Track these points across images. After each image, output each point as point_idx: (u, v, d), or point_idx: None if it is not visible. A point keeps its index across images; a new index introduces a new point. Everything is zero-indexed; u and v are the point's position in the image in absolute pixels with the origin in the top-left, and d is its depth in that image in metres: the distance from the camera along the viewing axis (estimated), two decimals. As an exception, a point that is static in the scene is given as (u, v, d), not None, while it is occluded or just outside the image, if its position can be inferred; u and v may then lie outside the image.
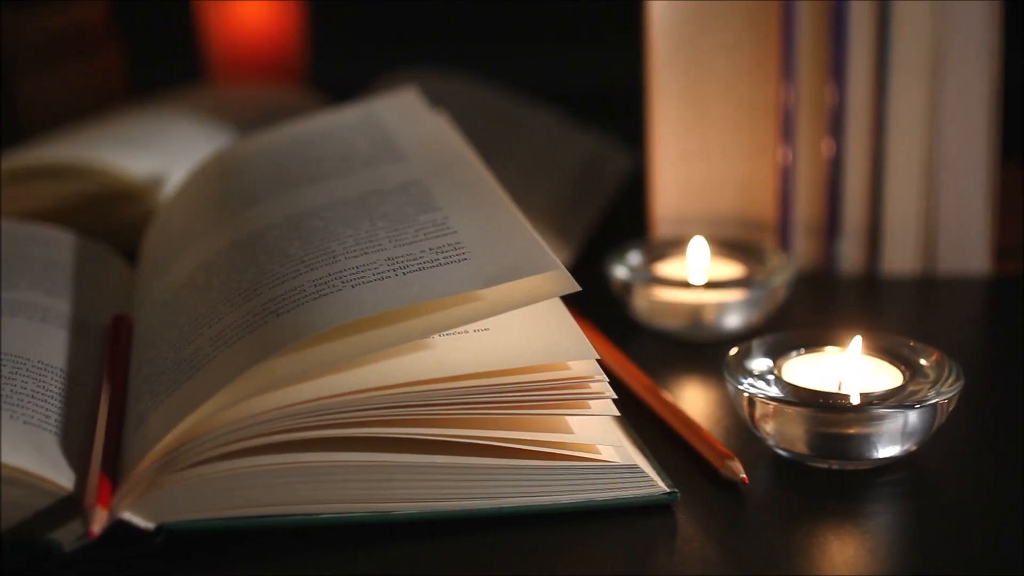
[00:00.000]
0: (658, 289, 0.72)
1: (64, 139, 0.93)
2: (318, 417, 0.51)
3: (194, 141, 0.94)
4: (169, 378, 0.55)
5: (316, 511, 0.53)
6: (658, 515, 0.55)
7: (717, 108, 0.81)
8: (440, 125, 0.71)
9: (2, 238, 0.71)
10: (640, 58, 0.81)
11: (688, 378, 0.69)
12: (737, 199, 0.82)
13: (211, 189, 0.72)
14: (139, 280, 0.71)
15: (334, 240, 0.59)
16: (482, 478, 0.53)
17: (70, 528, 0.51)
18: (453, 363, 0.53)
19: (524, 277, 0.54)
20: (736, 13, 0.79)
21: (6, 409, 0.54)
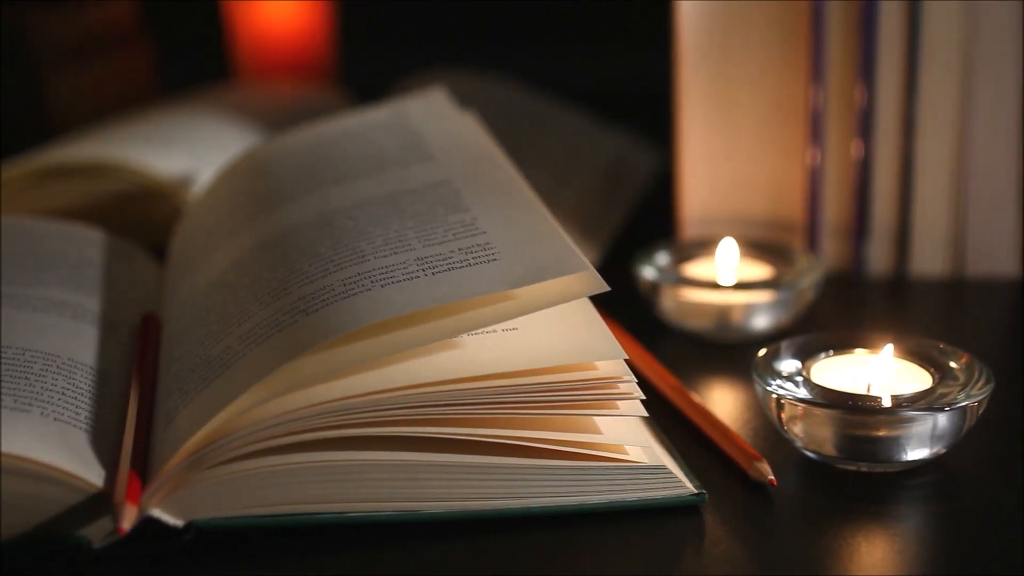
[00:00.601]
0: (686, 290, 0.72)
1: (93, 137, 0.94)
2: (347, 416, 0.51)
3: (222, 140, 0.94)
4: (198, 376, 0.55)
5: (345, 510, 0.53)
6: (686, 516, 0.55)
7: (745, 109, 0.80)
8: (469, 125, 0.71)
9: (33, 236, 0.72)
10: (669, 58, 0.81)
11: (716, 379, 0.69)
12: (765, 200, 0.82)
13: (241, 188, 0.72)
14: (168, 278, 0.71)
15: (363, 240, 0.59)
16: (510, 478, 0.53)
17: (100, 525, 0.52)
18: (482, 363, 0.53)
19: (553, 278, 0.54)
20: (765, 13, 0.79)
21: (37, 406, 0.54)
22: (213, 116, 0.99)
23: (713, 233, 0.79)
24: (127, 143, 0.91)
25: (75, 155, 0.88)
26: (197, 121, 0.98)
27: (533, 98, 1.07)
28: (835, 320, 0.76)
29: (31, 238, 0.71)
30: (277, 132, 0.92)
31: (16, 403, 0.54)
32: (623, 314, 0.70)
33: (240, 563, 0.52)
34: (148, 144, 0.91)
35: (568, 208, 0.85)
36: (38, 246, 0.70)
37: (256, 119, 0.99)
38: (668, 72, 0.82)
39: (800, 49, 0.79)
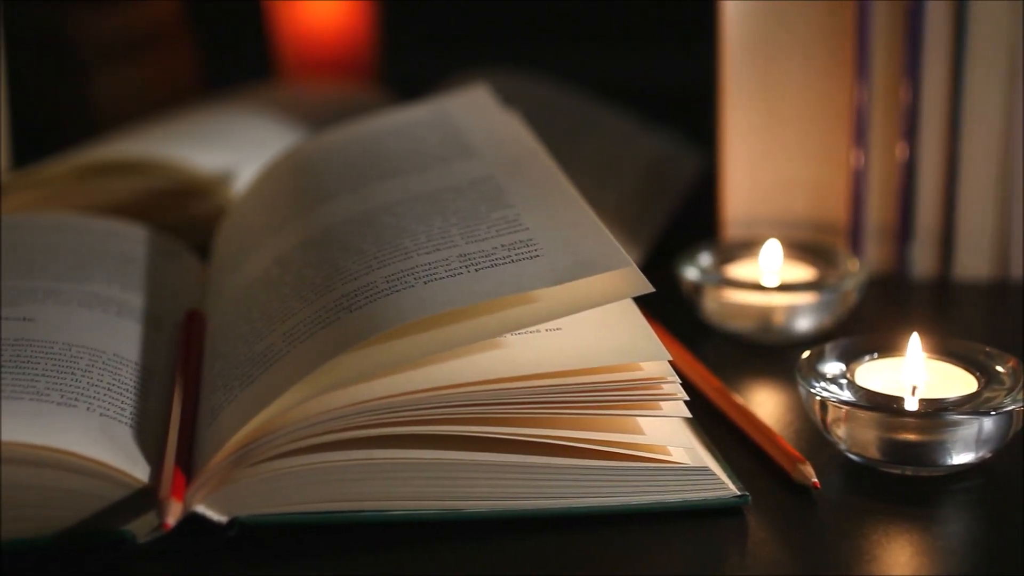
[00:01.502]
0: (729, 291, 0.72)
1: (137, 135, 0.94)
2: (390, 414, 0.51)
3: (265, 138, 0.94)
4: (243, 373, 0.55)
5: (386, 508, 0.53)
6: (729, 518, 0.54)
7: (789, 109, 0.80)
8: (511, 122, 0.71)
9: (79, 232, 0.72)
10: (712, 58, 0.81)
11: (758, 381, 0.68)
12: (808, 201, 0.81)
13: (284, 185, 0.73)
14: (212, 275, 0.71)
15: (407, 236, 0.59)
16: (552, 478, 0.53)
17: (144, 520, 0.52)
18: (525, 362, 0.53)
19: (596, 274, 0.54)
20: (810, 12, 0.78)
21: (83, 401, 0.55)
22: (255, 114, 0.99)
23: (756, 234, 0.79)
24: (170, 141, 0.91)
25: (119, 152, 0.89)
26: (240, 119, 0.98)
27: (575, 98, 1.06)
28: (878, 323, 0.75)
29: (77, 234, 0.72)
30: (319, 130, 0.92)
31: (63, 398, 0.54)
32: (665, 315, 0.70)
33: (282, 560, 0.52)
34: (191, 142, 0.91)
35: (610, 209, 0.85)
36: (83, 242, 0.71)
37: (298, 117, 0.99)
38: (711, 72, 0.81)
39: (845, 49, 0.79)
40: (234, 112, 1.00)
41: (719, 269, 0.75)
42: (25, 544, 0.51)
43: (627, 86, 1.16)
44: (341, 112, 0.97)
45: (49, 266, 0.66)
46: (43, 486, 0.51)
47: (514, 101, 0.78)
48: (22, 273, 0.65)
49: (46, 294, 0.63)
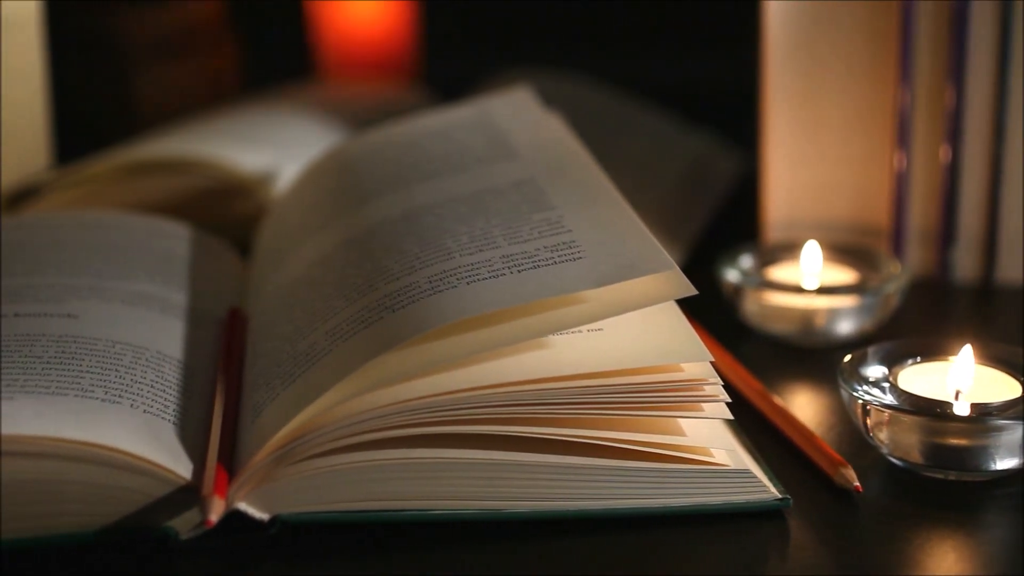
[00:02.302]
0: (770, 293, 0.72)
1: (179, 134, 0.95)
2: (432, 413, 0.52)
3: (306, 137, 0.95)
4: (285, 371, 0.56)
5: (428, 507, 0.53)
6: (769, 521, 0.54)
7: (832, 111, 0.80)
8: (554, 124, 0.71)
9: (121, 230, 0.73)
10: (752, 59, 0.81)
11: (799, 383, 0.68)
12: (850, 204, 0.81)
13: (326, 185, 0.73)
14: (253, 274, 0.72)
15: (449, 237, 0.59)
16: (594, 479, 0.53)
17: (187, 517, 0.52)
18: (567, 362, 0.53)
19: (639, 276, 0.54)
20: (853, 13, 0.78)
21: (127, 398, 0.55)
22: (296, 114, 0.99)
23: (797, 237, 0.78)
24: (211, 140, 0.91)
25: (161, 151, 0.89)
26: (281, 119, 0.98)
27: (615, 99, 1.06)
28: (920, 327, 0.75)
29: (119, 232, 0.72)
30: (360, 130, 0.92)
31: (107, 395, 0.55)
32: (705, 317, 0.69)
33: (322, 558, 0.52)
34: (232, 141, 0.91)
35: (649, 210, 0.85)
36: (126, 240, 0.71)
37: (339, 117, 1.00)
38: (751, 73, 0.81)
39: (888, 50, 0.78)
40: (275, 111, 1.00)
41: (760, 271, 0.74)
42: (69, 539, 0.52)
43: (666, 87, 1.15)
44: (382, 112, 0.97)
45: (93, 263, 0.67)
46: (87, 482, 0.51)
47: (553, 101, 0.78)
48: (66, 270, 0.66)
49: (90, 291, 0.63)
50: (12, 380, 0.54)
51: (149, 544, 0.52)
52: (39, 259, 0.67)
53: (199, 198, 0.87)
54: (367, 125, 0.87)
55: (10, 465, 0.50)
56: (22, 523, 0.51)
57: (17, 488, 0.51)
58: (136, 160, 0.88)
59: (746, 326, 0.73)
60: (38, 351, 0.57)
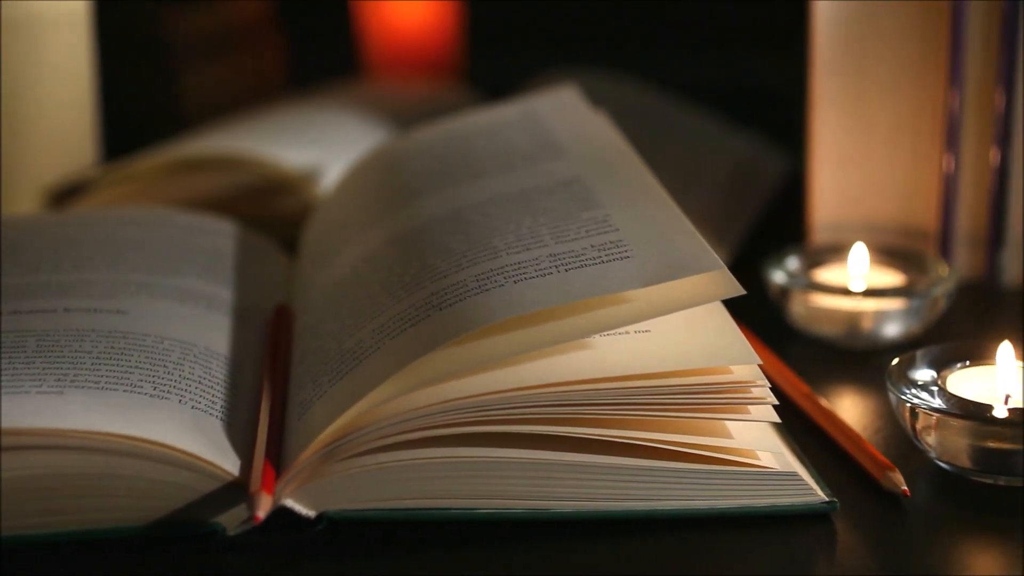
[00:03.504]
0: (816, 295, 0.71)
1: (225, 131, 0.95)
2: (480, 412, 0.52)
3: (351, 135, 0.95)
4: (332, 368, 0.56)
5: (474, 506, 0.53)
6: (816, 524, 0.54)
7: (880, 112, 0.79)
8: (601, 123, 0.71)
9: (169, 227, 0.73)
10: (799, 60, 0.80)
11: (845, 386, 0.68)
12: (897, 206, 0.81)
13: (372, 183, 0.73)
14: (300, 271, 0.72)
15: (496, 235, 0.59)
16: (640, 480, 0.53)
17: (234, 513, 0.52)
18: (614, 363, 0.53)
19: (687, 276, 0.53)
20: (902, 14, 0.78)
21: (175, 394, 0.55)
22: (342, 112, 1.00)
23: (844, 239, 0.78)
24: (257, 137, 0.92)
25: (208, 148, 0.90)
26: (326, 116, 0.99)
27: (660, 99, 1.06)
28: (968, 330, 0.74)
29: (167, 229, 0.73)
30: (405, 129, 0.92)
31: (155, 390, 0.55)
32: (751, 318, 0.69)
33: (368, 556, 0.52)
34: (278, 138, 0.92)
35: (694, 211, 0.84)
36: (174, 237, 0.72)
37: (384, 115, 1.00)
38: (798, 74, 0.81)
39: (938, 51, 0.78)
40: (321, 109, 1.01)
41: (807, 273, 0.74)
42: (117, 533, 0.52)
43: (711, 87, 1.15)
44: (427, 111, 0.97)
45: (141, 260, 0.67)
46: (136, 477, 0.51)
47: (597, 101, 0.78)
48: (115, 266, 0.66)
49: (139, 287, 0.64)
50: (62, 375, 0.55)
51: (197, 539, 0.52)
52: (88, 255, 0.67)
53: (245, 195, 0.88)
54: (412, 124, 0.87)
55: (61, 459, 0.51)
56: (73, 516, 0.52)
57: (68, 482, 0.51)
58: (183, 157, 0.89)
59: (792, 328, 0.73)
60: (88, 346, 0.57)
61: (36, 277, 0.65)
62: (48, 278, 0.65)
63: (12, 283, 0.64)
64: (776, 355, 0.67)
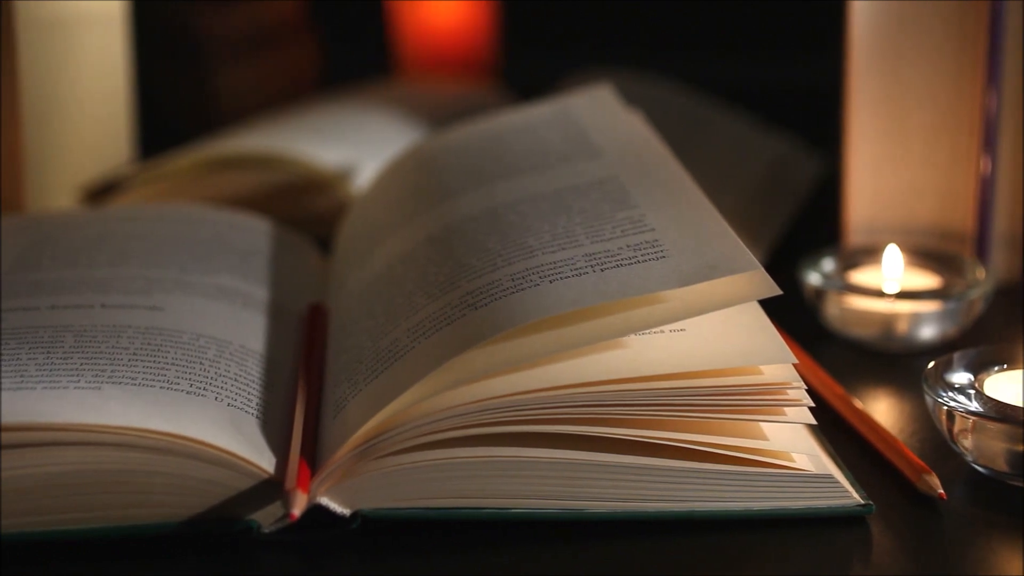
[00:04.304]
0: (851, 297, 0.71)
1: (259, 129, 0.96)
2: (514, 412, 0.52)
3: (385, 134, 0.95)
4: (367, 367, 0.56)
5: (507, 506, 0.53)
6: (852, 527, 0.54)
7: (916, 113, 0.79)
8: (636, 123, 0.71)
9: (203, 224, 0.73)
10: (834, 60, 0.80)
11: (880, 389, 0.67)
12: (933, 208, 0.80)
13: (407, 182, 0.73)
14: (334, 269, 0.72)
15: (531, 235, 0.59)
16: (674, 481, 0.53)
17: (269, 510, 0.52)
18: (649, 363, 0.53)
19: (723, 276, 0.53)
20: (940, 14, 0.77)
21: (211, 391, 0.55)
22: (376, 110, 1.00)
23: (879, 240, 0.78)
24: (292, 136, 0.92)
25: (242, 147, 0.90)
26: (360, 115, 0.99)
27: (693, 100, 1.06)
28: (1004, 333, 0.74)
29: (202, 226, 0.73)
30: (439, 127, 0.93)
31: (192, 387, 0.55)
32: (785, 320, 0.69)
33: (401, 554, 0.52)
34: (312, 137, 0.92)
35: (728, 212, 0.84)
36: (209, 234, 0.72)
37: (419, 114, 1.00)
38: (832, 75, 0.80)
39: (975, 52, 0.77)
40: (355, 108, 1.01)
41: (842, 275, 0.74)
42: (152, 530, 0.52)
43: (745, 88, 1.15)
44: (461, 110, 0.97)
45: (176, 257, 0.67)
46: (172, 473, 0.52)
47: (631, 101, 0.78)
48: (151, 263, 0.66)
49: (174, 284, 0.64)
50: (100, 370, 0.55)
51: (231, 537, 0.53)
52: (124, 251, 0.68)
53: (280, 193, 0.88)
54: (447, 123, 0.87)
55: (98, 455, 0.51)
56: (109, 512, 0.52)
57: (104, 478, 0.51)
58: (218, 155, 0.89)
59: (826, 330, 0.73)
60: (124, 342, 0.58)
61: (73, 273, 0.65)
62: (85, 274, 0.65)
63: (49, 278, 0.64)
64: (811, 357, 0.67)
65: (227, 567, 0.52)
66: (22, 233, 0.71)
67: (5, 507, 0.51)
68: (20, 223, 0.74)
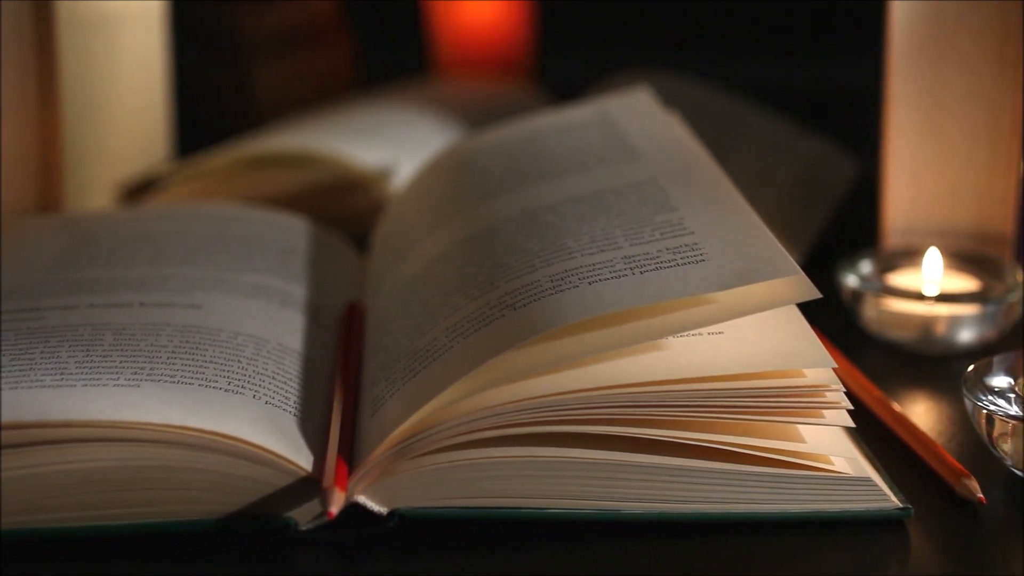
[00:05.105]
0: (889, 300, 0.71)
1: (297, 128, 0.96)
2: (553, 412, 0.52)
3: (422, 133, 0.95)
4: (405, 366, 0.56)
5: (545, 506, 0.53)
6: (890, 530, 0.53)
7: (956, 114, 0.78)
8: (674, 125, 0.71)
9: (241, 222, 0.74)
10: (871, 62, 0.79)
11: (918, 392, 0.67)
12: (972, 211, 0.80)
13: (445, 182, 0.73)
14: (372, 268, 0.72)
15: (570, 236, 0.59)
16: (711, 482, 0.53)
17: (306, 508, 0.53)
18: (688, 365, 0.52)
19: (763, 280, 0.53)
20: (980, 14, 0.77)
21: (249, 389, 0.56)
22: (413, 110, 1.00)
23: (917, 243, 0.77)
24: (330, 135, 0.92)
25: (279, 145, 0.90)
26: (398, 114, 0.99)
27: (729, 101, 1.05)
28: (1043, 337, 0.74)
29: (239, 224, 0.73)
30: (476, 128, 0.93)
31: (230, 385, 0.55)
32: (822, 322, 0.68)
33: (438, 553, 0.52)
34: (350, 136, 0.92)
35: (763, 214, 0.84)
36: (247, 233, 0.72)
37: (456, 114, 1.00)
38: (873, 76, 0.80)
39: (1016, 52, 0.76)
40: (392, 107, 1.01)
41: (880, 277, 0.74)
42: (190, 527, 0.53)
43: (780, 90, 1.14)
44: (498, 110, 0.97)
45: (214, 255, 0.68)
46: (210, 470, 0.52)
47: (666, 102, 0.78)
48: (188, 261, 0.67)
49: (213, 283, 0.64)
50: (139, 368, 0.55)
51: (269, 534, 0.53)
52: (162, 250, 0.68)
53: (317, 192, 0.88)
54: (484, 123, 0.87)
55: (137, 452, 0.51)
56: (148, 509, 0.52)
57: (144, 474, 0.52)
58: (255, 154, 0.89)
59: (864, 332, 0.72)
60: (163, 340, 0.58)
61: (112, 271, 0.66)
62: (124, 272, 0.65)
63: (88, 277, 0.65)
64: (848, 359, 0.67)
65: (264, 565, 0.52)
66: (61, 232, 0.71)
67: (45, 503, 0.52)
68: (59, 222, 0.75)
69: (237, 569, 0.52)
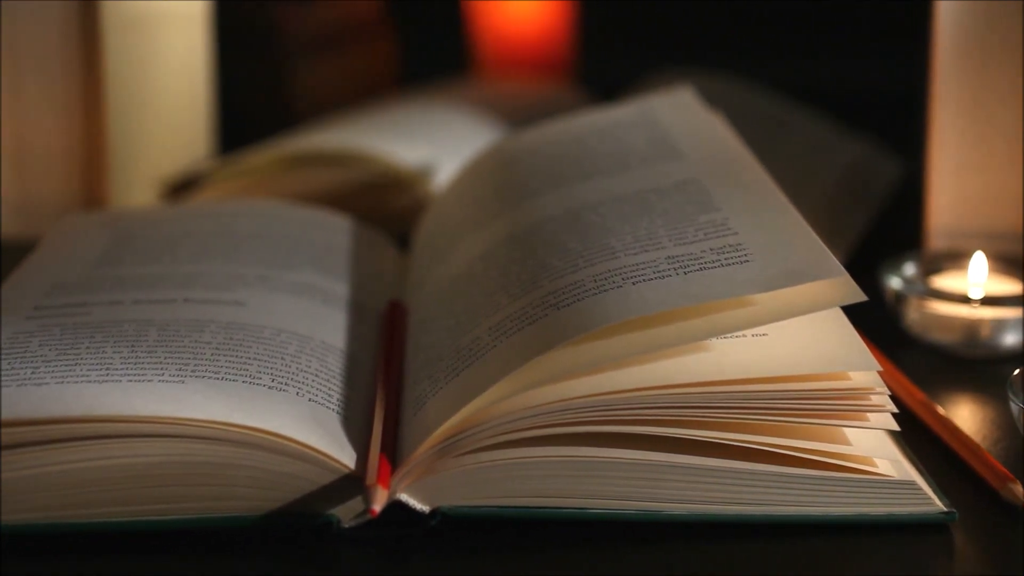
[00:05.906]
0: (933, 302, 0.70)
1: (338, 127, 0.96)
2: (596, 412, 0.52)
3: (464, 132, 0.95)
4: (447, 365, 0.56)
5: (587, 505, 0.53)
6: (933, 534, 0.53)
7: (1002, 115, 0.78)
8: (717, 125, 0.71)
9: (284, 221, 0.74)
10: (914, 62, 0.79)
11: (962, 395, 0.67)
12: (1017, 213, 0.79)
13: (487, 182, 0.73)
14: (414, 267, 0.72)
15: (613, 236, 0.59)
16: (754, 484, 0.53)
17: (349, 506, 0.53)
18: (732, 366, 0.52)
19: (807, 282, 0.53)
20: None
21: (292, 386, 0.56)
22: (454, 109, 1.00)
23: (962, 246, 0.77)
24: (371, 133, 0.93)
25: (321, 144, 0.91)
26: (439, 114, 0.99)
27: (772, 101, 1.05)
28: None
29: (282, 222, 0.74)
30: (517, 128, 0.93)
31: (273, 382, 0.56)
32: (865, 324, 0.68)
33: (480, 552, 0.52)
34: (391, 135, 0.92)
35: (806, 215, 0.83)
36: (289, 230, 0.72)
37: (497, 114, 1.00)
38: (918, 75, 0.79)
39: (1064, 56, 0.76)
40: (434, 107, 1.01)
41: (924, 280, 0.73)
42: (234, 523, 0.53)
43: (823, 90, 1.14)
44: (540, 110, 0.97)
45: (257, 252, 0.68)
46: (255, 467, 0.52)
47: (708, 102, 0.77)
48: (232, 258, 0.67)
49: (256, 280, 0.65)
50: (183, 364, 0.56)
51: (312, 531, 0.53)
52: (205, 247, 0.68)
53: (358, 191, 0.89)
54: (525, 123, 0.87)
55: (182, 447, 0.52)
56: (192, 505, 0.52)
57: (188, 470, 0.52)
58: (297, 152, 0.90)
59: (907, 335, 0.72)
60: (207, 337, 0.58)
61: (155, 268, 0.66)
62: (167, 269, 0.66)
63: (132, 273, 0.65)
64: (891, 362, 0.66)
65: (307, 562, 0.52)
66: (106, 229, 0.72)
67: (90, 498, 0.52)
68: (104, 219, 0.75)
69: (280, 565, 0.52)
